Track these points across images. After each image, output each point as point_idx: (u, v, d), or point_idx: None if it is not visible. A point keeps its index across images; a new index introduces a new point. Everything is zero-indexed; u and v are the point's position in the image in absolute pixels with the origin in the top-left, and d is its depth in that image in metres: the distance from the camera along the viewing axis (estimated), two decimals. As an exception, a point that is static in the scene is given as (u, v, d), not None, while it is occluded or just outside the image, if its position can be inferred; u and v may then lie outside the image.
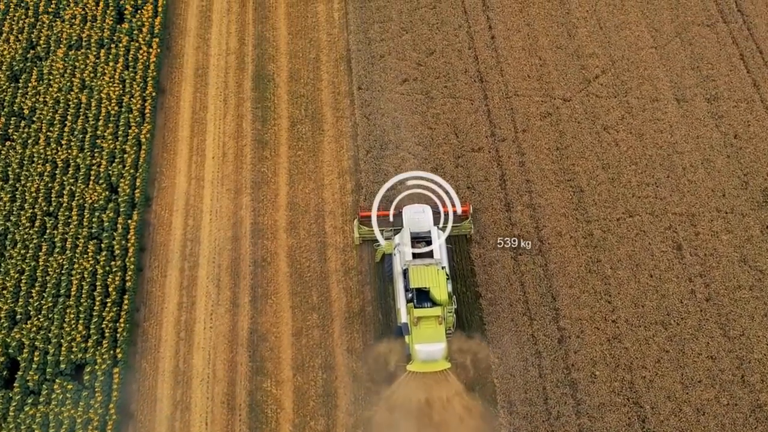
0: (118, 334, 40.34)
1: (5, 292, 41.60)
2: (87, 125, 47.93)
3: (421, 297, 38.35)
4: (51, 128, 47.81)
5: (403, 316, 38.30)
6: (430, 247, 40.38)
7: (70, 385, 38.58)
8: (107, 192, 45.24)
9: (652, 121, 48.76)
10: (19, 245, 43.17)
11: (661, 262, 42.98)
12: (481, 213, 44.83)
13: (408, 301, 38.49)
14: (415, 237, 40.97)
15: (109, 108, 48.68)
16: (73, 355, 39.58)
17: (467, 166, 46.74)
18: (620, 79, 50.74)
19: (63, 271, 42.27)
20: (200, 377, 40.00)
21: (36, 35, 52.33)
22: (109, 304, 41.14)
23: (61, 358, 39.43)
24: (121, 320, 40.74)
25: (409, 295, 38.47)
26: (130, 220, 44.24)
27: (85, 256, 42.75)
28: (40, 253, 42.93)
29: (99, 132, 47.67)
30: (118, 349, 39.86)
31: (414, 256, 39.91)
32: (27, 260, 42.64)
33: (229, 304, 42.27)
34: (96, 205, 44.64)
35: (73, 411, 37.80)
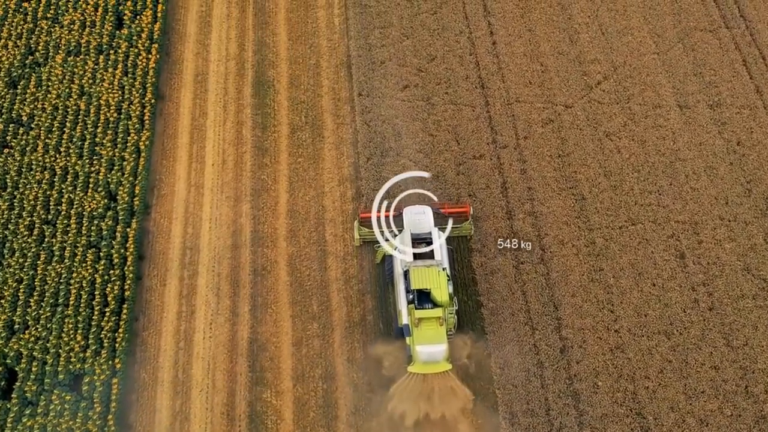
0: (117, 344, 40.03)
1: (3, 301, 41.30)
2: (86, 132, 47.65)
3: (422, 298, 38.23)
4: (49, 135, 47.52)
5: (404, 318, 38.09)
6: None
7: (69, 395, 38.25)
8: (106, 200, 44.95)
9: (654, 128, 48.47)
10: (17, 254, 42.86)
11: (664, 271, 42.68)
12: (483, 221, 44.52)
13: (409, 302, 38.31)
14: (416, 238, 40.75)
15: (108, 115, 48.38)
16: (71, 366, 39.28)
17: (468, 173, 46.44)
18: (622, 86, 50.45)
19: (61, 280, 41.98)
20: (199, 387, 39.69)
21: (35, 41, 52.05)
22: (107, 314, 40.84)
23: (60, 369, 39.14)
24: (120, 330, 40.44)
25: (410, 296, 38.34)
26: (129, 229, 43.94)
27: (84, 264, 42.45)
28: (39, 262, 42.63)
29: (98, 139, 47.39)
30: (116, 359, 39.55)
31: (415, 257, 39.68)
32: (25, 269, 42.33)
33: (228, 313, 41.96)
34: (95, 213, 44.34)
35: (71, 422, 37.46)
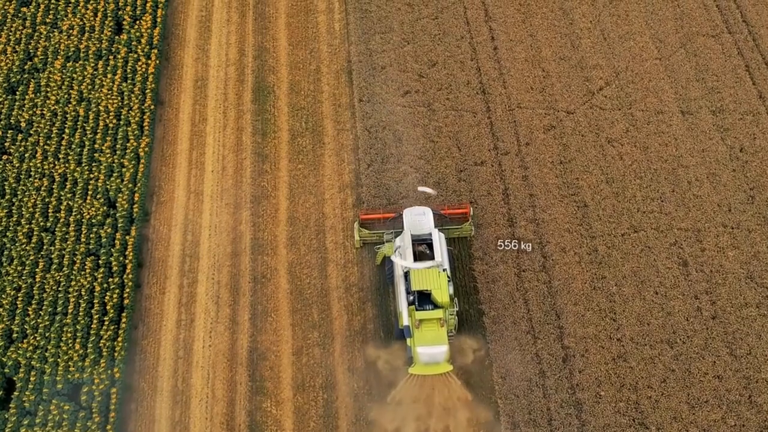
0: (116, 353, 39.73)
1: (1, 309, 41.01)
2: (85, 139, 47.36)
3: (423, 299, 38.06)
4: (48, 142, 47.24)
5: (404, 319, 37.85)
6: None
7: (67, 405, 37.95)
8: (105, 207, 44.66)
9: (656, 134, 48.17)
10: (15, 262, 42.58)
11: (667, 279, 42.38)
12: (484, 228, 44.23)
13: (409, 303, 38.09)
14: (416, 239, 40.51)
15: (107, 121, 48.09)
16: (70, 375, 38.99)
17: (470, 180, 46.14)
18: (624, 91, 50.15)
19: (60, 289, 41.69)
20: (199, 397, 39.40)
21: (33, 46, 51.76)
22: (106, 322, 40.56)
23: (58, 378, 38.85)
24: (119, 339, 40.16)
25: (411, 297, 38.15)
26: (128, 236, 43.65)
27: (83, 272, 42.17)
28: (37, 270, 42.38)
29: (97, 145, 47.11)
30: (115, 369, 39.25)
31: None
32: (24, 277, 42.05)
33: (228, 321, 41.68)
34: (94, 220, 44.04)
35: (69, 432, 37.26)
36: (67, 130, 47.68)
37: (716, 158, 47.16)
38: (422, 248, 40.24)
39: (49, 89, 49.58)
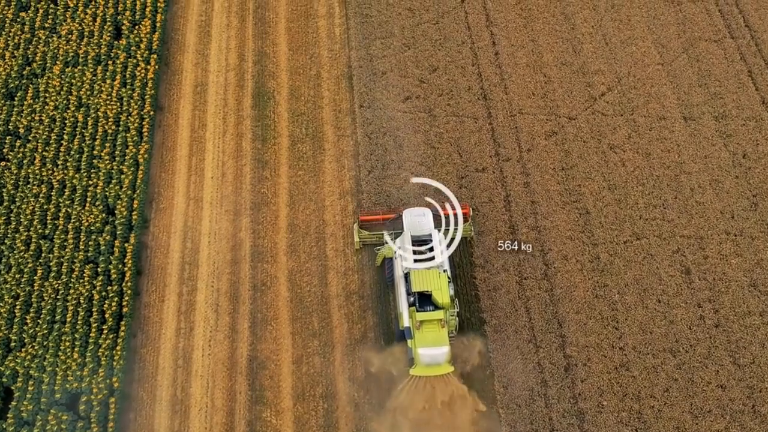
0: (115, 362, 39.43)
1: (-1, 318, 40.80)
2: (83, 145, 47.07)
3: (424, 301, 37.88)
4: (47, 148, 46.93)
5: (405, 320, 37.68)
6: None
7: (65, 415, 37.67)
8: (104, 214, 44.38)
9: (659, 140, 47.88)
10: (13, 269, 42.28)
11: (669, 287, 42.09)
12: (486, 236, 43.95)
13: (410, 304, 37.92)
14: (416, 240, 40.31)
15: (106, 127, 47.80)
16: (68, 384, 38.69)
17: (471, 186, 45.86)
18: (626, 97, 49.85)
19: (58, 297, 41.41)
20: (198, 406, 39.10)
21: (32, 51, 51.46)
22: (105, 331, 40.26)
23: (56, 387, 38.57)
24: (118, 347, 39.86)
25: (411, 298, 37.99)
26: (127, 244, 43.36)
27: (81, 280, 41.85)
28: (35, 278, 42.09)
29: (96, 152, 46.80)
30: (114, 378, 38.94)
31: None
32: (22, 285, 41.75)
33: (228, 330, 41.38)
34: (92, 227, 43.75)
35: (68, 442, 37.00)
36: (65, 136, 47.39)
37: (719, 165, 46.86)
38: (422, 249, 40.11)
39: (47, 95, 49.28)
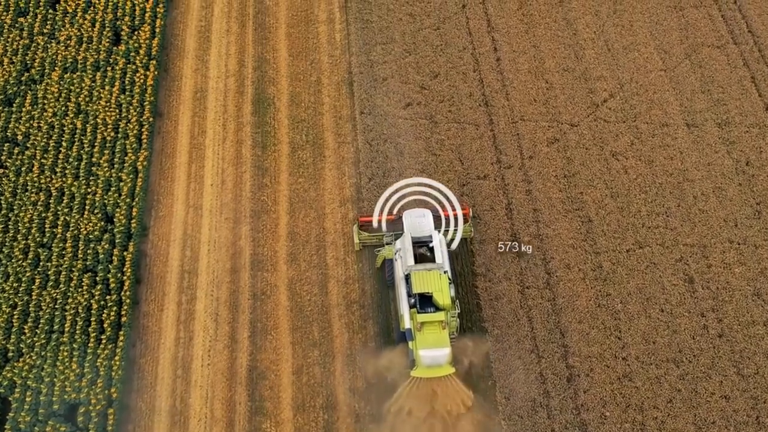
0: (114, 373, 39.09)
1: (-3, 327, 40.45)
2: (82, 152, 46.70)
3: (424, 302, 37.75)
4: (45, 155, 46.55)
5: (406, 322, 37.50)
6: None
7: (63, 426, 37.33)
8: (103, 222, 43.99)
9: (661, 147, 47.54)
10: (11, 278, 41.92)
11: (673, 296, 41.76)
12: (487, 244, 43.61)
13: (411, 306, 37.73)
14: (416, 242, 40.07)
15: (105, 134, 47.43)
16: (66, 395, 38.34)
17: (472, 194, 45.51)
18: (629, 103, 49.52)
19: (57, 306, 41.04)
20: (198, 417, 38.77)
21: (30, 57, 51.05)
22: (104, 341, 39.90)
23: (54, 398, 38.22)
24: (117, 358, 39.50)
25: (412, 300, 37.83)
26: (126, 252, 43.01)
27: (80, 290, 41.48)
28: (33, 287, 41.70)
29: (94, 159, 46.41)
30: (113, 388, 38.59)
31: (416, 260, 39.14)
32: (20, 294, 41.39)
33: (227, 339, 41.04)
34: (91, 236, 43.38)
35: (66, 454, 36.66)
36: (64, 143, 47.01)
37: (722, 172, 46.53)
38: (423, 250, 39.83)
39: (46, 101, 48.90)
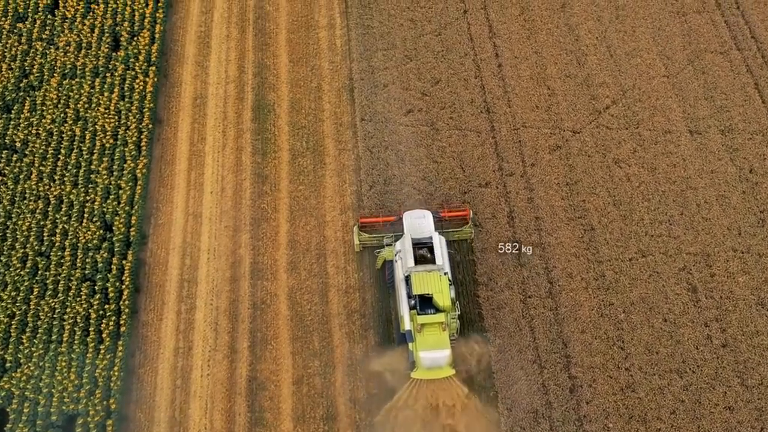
0: (112, 383, 38.78)
1: (-5, 337, 40.15)
2: (81, 159, 46.38)
3: (424, 303, 37.63)
4: (44, 162, 46.26)
5: (406, 324, 37.33)
6: None
7: (62, 438, 37.14)
8: (101, 230, 43.67)
9: (664, 155, 47.19)
10: (9, 287, 41.62)
11: (676, 306, 41.41)
12: (488, 252, 43.27)
13: (411, 308, 37.59)
14: (417, 243, 39.87)
15: (104, 141, 47.13)
16: (64, 406, 38.04)
17: (474, 202, 45.17)
18: (632, 110, 49.17)
19: (55, 316, 40.73)
20: (197, 428, 38.46)
21: (29, 63, 50.78)
22: (102, 351, 39.58)
23: (52, 410, 37.88)
24: (115, 368, 39.18)
25: (412, 301, 37.70)
26: (125, 261, 42.70)
27: (79, 299, 41.17)
28: (32, 296, 41.39)
29: (93, 166, 46.10)
30: (111, 399, 38.29)
31: (416, 261, 38.98)
32: (18, 303, 41.08)
33: (227, 349, 40.72)
34: (90, 244, 43.07)
35: (64, 466, 36.37)
36: (62, 151, 46.70)
37: (725, 179, 46.17)
38: (423, 251, 39.70)
39: (45, 108, 48.60)
